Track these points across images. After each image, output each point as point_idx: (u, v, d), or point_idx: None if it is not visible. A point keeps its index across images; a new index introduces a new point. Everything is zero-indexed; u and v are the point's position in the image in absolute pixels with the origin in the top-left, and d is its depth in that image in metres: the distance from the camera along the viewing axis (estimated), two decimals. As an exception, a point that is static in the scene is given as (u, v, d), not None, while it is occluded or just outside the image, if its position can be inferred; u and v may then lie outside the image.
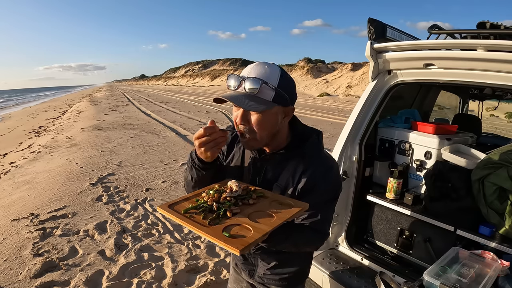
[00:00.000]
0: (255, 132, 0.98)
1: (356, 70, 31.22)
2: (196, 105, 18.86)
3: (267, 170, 1.09)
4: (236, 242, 0.76)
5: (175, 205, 0.94)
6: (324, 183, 1.03)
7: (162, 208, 0.92)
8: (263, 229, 0.82)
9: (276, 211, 0.90)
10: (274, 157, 1.07)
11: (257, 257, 1.19)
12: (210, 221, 0.86)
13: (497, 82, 1.48)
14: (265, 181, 1.09)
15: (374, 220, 2.05)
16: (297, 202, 0.96)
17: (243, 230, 0.82)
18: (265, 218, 0.87)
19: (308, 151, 1.06)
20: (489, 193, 1.61)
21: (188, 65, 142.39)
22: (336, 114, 13.38)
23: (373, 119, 1.99)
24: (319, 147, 1.08)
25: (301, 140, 1.07)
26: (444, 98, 3.15)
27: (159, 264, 2.68)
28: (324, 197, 1.04)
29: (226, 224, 0.84)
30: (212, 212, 0.90)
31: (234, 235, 0.80)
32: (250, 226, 0.83)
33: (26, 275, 2.49)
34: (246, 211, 0.90)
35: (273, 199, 0.97)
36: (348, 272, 1.81)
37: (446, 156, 1.81)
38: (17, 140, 9.26)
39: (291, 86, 1.00)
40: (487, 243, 1.54)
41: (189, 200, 0.97)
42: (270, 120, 0.98)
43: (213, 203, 0.91)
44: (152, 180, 4.83)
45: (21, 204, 3.96)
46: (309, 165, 1.03)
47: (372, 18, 1.84)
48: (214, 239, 0.78)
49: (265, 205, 0.94)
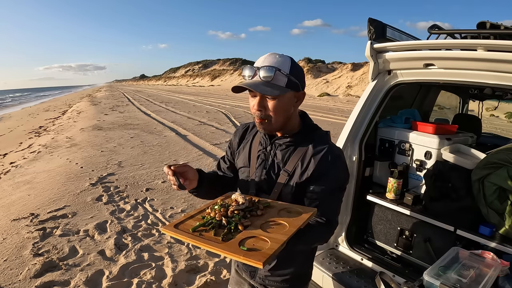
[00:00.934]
0: (271, 116, 1.04)
1: (356, 70, 31.22)
2: (196, 105, 18.86)
3: (276, 155, 1.12)
4: (256, 255, 0.74)
5: (181, 225, 0.91)
6: (333, 169, 1.06)
7: (168, 229, 0.89)
8: (280, 238, 0.80)
9: (287, 219, 0.89)
10: (284, 141, 1.11)
11: None
12: (223, 236, 0.83)
13: (497, 82, 1.48)
14: (273, 165, 1.12)
15: (374, 220, 2.04)
16: (306, 208, 0.95)
17: (259, 242, 0.80)
18: (278, 227, 0.86)
19: (317, 138, 1.11)
20: (489, 193, 1.61)
21: (188, 65, 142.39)
22: (336, 114, 13.37)
23: (373, 119, 1.99)
24: (327, 137, 1.14)
25: (311, 129, 1.14)
26: (444, 98, 3.15)
27: (159, 264, 2.68)
28: (333, 185, 1.06)
29: (241, 238, 0.82)
30: (222, 228, 0.87)
31: (251, 248, 0.77)
32: (266, 237, 0.81)
33: (26, 275, 2.49)
34: (257, 223, 0.88)
35: (281, 208, 0.96)
36: (348, 272, 1.81)
37: (446, 156, 1.81)
38: (17, 140, 9.26)
39: (300, 73, 1.07)
40: (487, 243, 1.54)
41: (194, 218, 0.95)
42: (285, 105, 1.05)
43: (221, 218, 0.89)
44: (152, 180, 4.83)
45: (21, 204, 3.96)
46: (319, 150, 1.06)
47: (372, 18, 1.84)
48: (233, 255, 0.76)
49: (274, 215, 0.93)
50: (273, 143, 1.14)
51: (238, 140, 1.26)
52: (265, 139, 1.15)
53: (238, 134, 1.27)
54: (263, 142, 1.16)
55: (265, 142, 1.16)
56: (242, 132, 1.27)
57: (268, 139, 1.15)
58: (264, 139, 1.16)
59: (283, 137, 1.12)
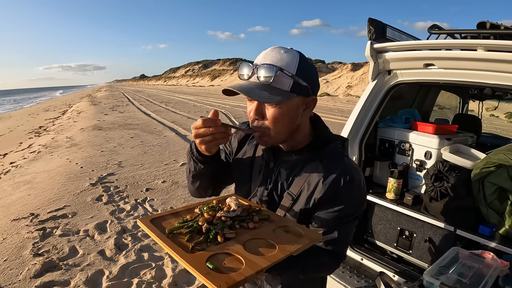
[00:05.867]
0: (269, 128, 0.85)
1: (356, 70, 31.23)
2: (196, 105, 18.86)
3: (280, 173, 0.94)
4: (219, 278, 0.60)
5: (161, 220, 0.79)
6: (346, 195, 0.87)
7: (143, 223, 0.77)
8: (258, 263, 0.65)
9: (280, 241, 0.73)
10: (289, 158, 0.93)
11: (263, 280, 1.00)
12: (195, 245, 0.70)
13: (497, 82, 1.48)
14: (276, 186, 0.94)
15: (374, 220, 2.04)
16: (309, 231, 0.80)
17: (233, 262, 0.66)
18: (264, 249, 0.71)
19: (330, 155, 0.91)
20: (489, 193, 1.61)
21: (188, 65, 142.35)
22: (336, 114, 13.37)
23: (373, 119, 1.99)
24: (343, 153, 0.93)
25: (323, 143, 0.93)
26: (444, 98, 3.15)
27: (159, 264, 2.68)
28: (345, 213, 0.88)
29: (213, 252, 0.68)
30: (200, 234, 0.74)
31: (219, 268, 0.63)
32: (242, 257, 0.67)
33: (26, 275, 2.49)
34: (242, 238, 0.74)
35: (280, 225, 0.81)
36: (348, 272, 1.81)
37: (446, 156, 1.81)
38: (17, 140, 9.26)
39: (312, 73, 0.85)
40: (487, 243, 1.54)
41: (177, 216, 0.82)
42: (288, 114, 0.84)
43: (204, 223, 0.76)
44: (152, 180, 4.83)
45: (21, 204, 3.96)
46: (330, 172, 0.87)
47: (372, 18, 1.84)
48: (194, 270, 0.62)
49: (268, 232, 0.77)
50: (276, 159, 0.95)
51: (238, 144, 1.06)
52: (267, 154, 0.96)
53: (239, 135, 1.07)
54: (266, 157, 0.97)
55: (268, 157, 0.96)
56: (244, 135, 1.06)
57: (271, 154, 0.96)
58: (266, 153, 0.97)
59: (289, 153, 0.93)
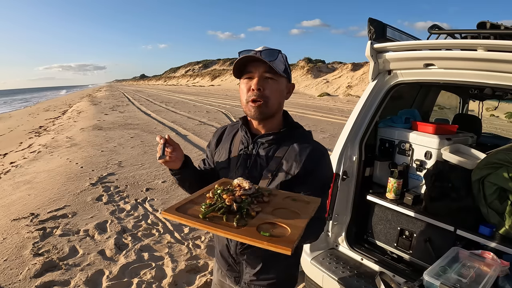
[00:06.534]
0: (268, 97, 1.03)
1: (356, 70, 31.21)
2: (196, 105, 18.86)
3: (258, 153, 1.09)
4: (282, 241, 0.68)
5: (184, 209, 0.84)
6: (321, 167, 1.05)
7: (170, 213, 0.81)
8: (298, 225, 0.74)
9: (298, 207, 0.84)
10: (267, 139, 1.09)
11: (242, 262, 1.14)
12: (238, 222, 0.76)
13: (497, 82, 1.48)
14: (255, 165, 1.09)
15: (374, 220, 2.05)
16: (312, 198, 0.91)
17: (277, 229, 0.74)
18: (290, 215, 0.80)
19: (300, 136, 1.10)
20: (489, 193, 1.61)
21: (188, 65, 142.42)
22: (336, 114, 13.37)
23: (373, 119, 1.99)
24: (311, 135, 1.13)
25: (293, 127, 1.13)
26: (444, 98, 3.15)
27: (159, 264, 2.68)
28: (322, 183, 1.05)
29: (256, 224, 0.75)
30: (231, 213, 0.80)
31: (273, 235, 0.71)
32: (283, 223, 0.75)
33: (26, 275, 2.49)
34: (267, 209, 0.83)
35: (285, 196, 0.91)
36: (348, 272, 1.81)
37: (446, 156, 1.81)
38: (17, 140, 9.26)
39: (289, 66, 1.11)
40: (487, 243, 1.54)
41: (194, 202, 0.88)
42: (281, 90, 1.06)
43: (232, 203, 0.82)
44: (152, 180, 4.83)
45: (21, 204, 3.96)
46: (304, 148, 1.05)
47: (372, 18, 1.84)
48: (255, 240, 0.69)
49: (281, 203, 0.87)
50: (255, 142, 1.10)
51: (216, 140, 1.23)
52: (247, 138, 1.12)
53: (217, 135, 1.24)
54: (245, 141, 1.13)
55: (247, 141, 1.12)
56: (220, 132, 1.24)
57: (250, 137, 1.11)
58: (246, 137, 1.12)
59: (266, 135, 1.09)
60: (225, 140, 1.21)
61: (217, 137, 1.24)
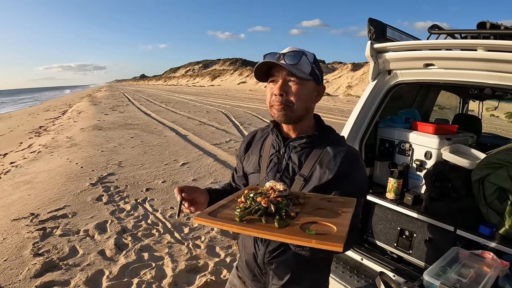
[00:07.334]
0: (293, 102, 0.98)
1: (356, 70, 31.23)
2: (196, 105, 18.86)
3: (291, 157, 1.05)
4: (332, 238, 0.66)
5: (216, 213, 0.83)
6: (355, 172, 1.00)
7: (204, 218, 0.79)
8: (343, 223, 0.72)
9: (335, 207, 0.82)
10: (299, 142, 1.04)
11: (269, 272, 1.08)
12: (279, 223, 0.74)
13: (497, 82, 1.48)
14: (287, 169, 1.04)
15: (374, 220, 2.04)
16: (346, 198, 0.89)
17: (321, 228, 0.72)
18: (330, 214, 0.79)
19: (334, 139, 1.06)
20: (489, 193, 1.61)
21: (188, 65, 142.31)
22: (336, 114, 13.37)
23: (373, 119, 1.99)
24: (344, 139, 1.09)
25: (326, 131, 1.08)
26: (444, 98, 3.15)
27: (159, 264, 2.68)
28: (356, 188, 1.00)
29: (299, 223, 0.74)
30: (269, 215, 0.78)
31: (318, 233, 0.69)
32: (328, 222, 0.73)
33: (26, 275, 2.49)
34: (306, 210, 0.81)
35: (320, 198, 0.89)
36: (348, 272, 1.81)
37: (446, 156, 1.81)
38: (17, 140, 9.27)
39: (320, 67, 1.05)
40: (487, 243, 1.54)
41: (226, 207, 0.86)
42: (307, 93, 1.00)
43: (269, 205, 0.80)
44: (152, 180, 4.83)
45: (21, 204, 3.96)
46: (338, 152, 1.01)
47: (372, 18, 1.84)
48: (303, 239, 0.67)
49: (318, 203, 0.85)
50: (287, 146, 1.05)
51: (245, 146, 1.19)
52: (278, 141, 1.07)
53: (246, 141, 1.20)
54: (276, 145, 1.08)
55: (278, 145, 1.07)
56: (249, 139, 1.20)
57: (282, 141, 1.06)
58: (277, 141, 1.08)
59: (299, 138, 1.04)
60: (255, 145, 1.17)
61: (246, 143, 1.20)
